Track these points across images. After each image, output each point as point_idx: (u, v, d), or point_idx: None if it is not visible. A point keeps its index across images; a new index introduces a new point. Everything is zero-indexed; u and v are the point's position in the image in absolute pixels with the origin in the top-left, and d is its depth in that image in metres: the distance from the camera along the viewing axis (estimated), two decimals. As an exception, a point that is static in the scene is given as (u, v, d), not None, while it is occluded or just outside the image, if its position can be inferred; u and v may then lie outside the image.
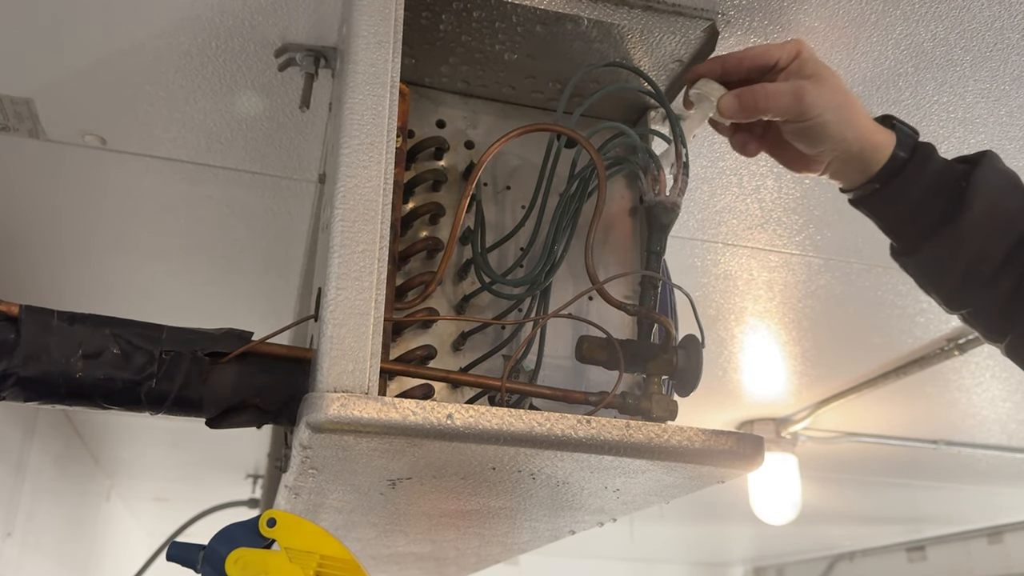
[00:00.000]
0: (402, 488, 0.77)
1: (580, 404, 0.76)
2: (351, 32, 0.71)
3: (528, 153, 0.93)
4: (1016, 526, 3.83)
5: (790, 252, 1.46)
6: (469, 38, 0.86)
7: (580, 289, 0.89)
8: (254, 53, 1.01)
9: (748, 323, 1.74)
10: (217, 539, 0.64)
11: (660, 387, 0.79)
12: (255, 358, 0.71)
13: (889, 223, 0.82)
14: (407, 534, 1.05)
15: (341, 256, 0.65)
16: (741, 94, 0.77)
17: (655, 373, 0.79)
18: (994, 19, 0.93)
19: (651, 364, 0.79)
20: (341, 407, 0.60)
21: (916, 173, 0.78)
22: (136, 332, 0.68)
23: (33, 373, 0.65)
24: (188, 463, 3.09)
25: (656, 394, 0.78)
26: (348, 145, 0.68)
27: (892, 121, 0.80)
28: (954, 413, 2.24)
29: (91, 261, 1.61)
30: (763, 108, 0.77)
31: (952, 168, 0.79)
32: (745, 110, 0.77)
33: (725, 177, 1.24)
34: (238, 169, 1.27)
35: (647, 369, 0.79)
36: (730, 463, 0.70)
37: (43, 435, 2.44)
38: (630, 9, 0.85)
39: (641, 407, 0.77)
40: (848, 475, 2.99)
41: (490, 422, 0.64)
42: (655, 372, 0.79)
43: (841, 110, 0.76)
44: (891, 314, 1.68)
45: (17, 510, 2.27)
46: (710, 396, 2.19)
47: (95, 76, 1.07)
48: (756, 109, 0.77)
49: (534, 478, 0.74)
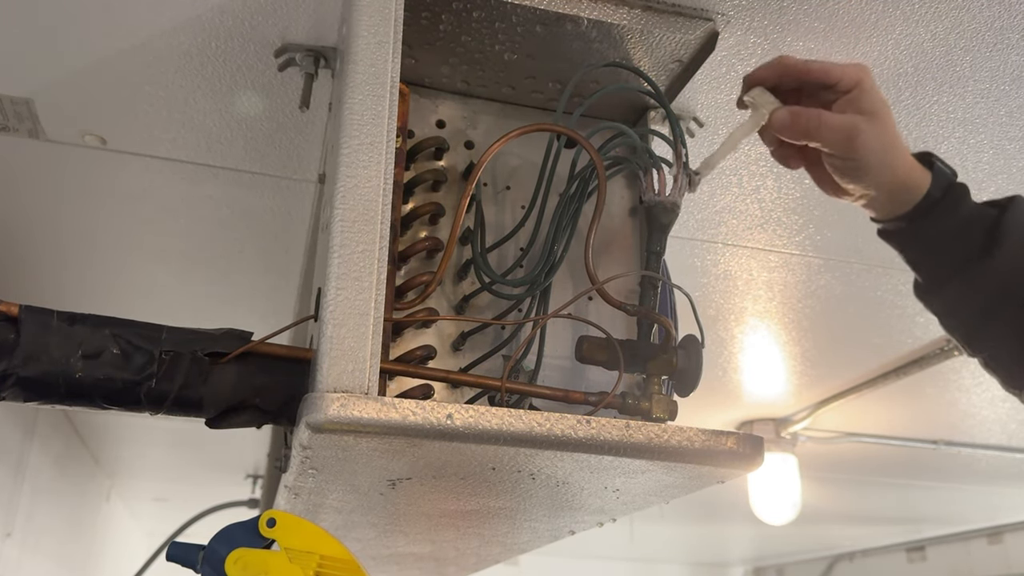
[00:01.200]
0: (402, 488, 0.77)
1: (580, 404, 0.76)
2: (351, 32, 0.71)
3: (528, 153, 0.93)
4: (1016, 526, 3.83)
5: (790, 252, 1.46)
6: (469, 38, 0.86)
7: (580, 289, 0.89)
8: (254, 53, 1.01)
9: (748, 323, 1.74)
10: (217, 539, 0.64)
11: (660, 387, 0.79)
12: (255, 358, 0.71)
13: (915, 259, 0.81)
14: (407, 534, 1.05)
15: (341, 256, 0.65)
16: (796, 115, 0.75)
17: (655, 373, 0.79)
18: (994, 19, 0.93)
19: (651, 364, 0.79)
20: (341, 407, 0.60)
21: (946, 213, 0.77)
22: (136, 332, 0.68)
23: (33, 373, 0.65)
24: (188, 463, 3.09)
25: (656, 394, 0.78)
26: (348, 145, 0.67)
27: (932, 159, 0.79)
28: (954, 413, 2.24)
29: (91, 261, 1.61)
30: (815, 136, 0.75)
31: (982, 211, 0.78)
32: (797, 132, 0.76)
33: (725, 177, 1.24)
34: (238, 169, 1.27)
35: (647, 369, 0.79)
36: (730, 463, 0.70)
37: (43, 435, 2.44)
38: (630, 9, 0.85)
39: (641, 407, 0.77)
40: (848, 475, 2.99)
41: (490, 422, 0.64)
42: (655, 372, 0.79)
43: (886, 153, 0.75)
44: (891, 314, 1.68)
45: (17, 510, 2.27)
46: (710, 396, 2.19)
47: (95, 76, 1.07)
48: (807, 135, 0.75)
49: (534, 478, 0.74)
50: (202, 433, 2.40)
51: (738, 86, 1.03)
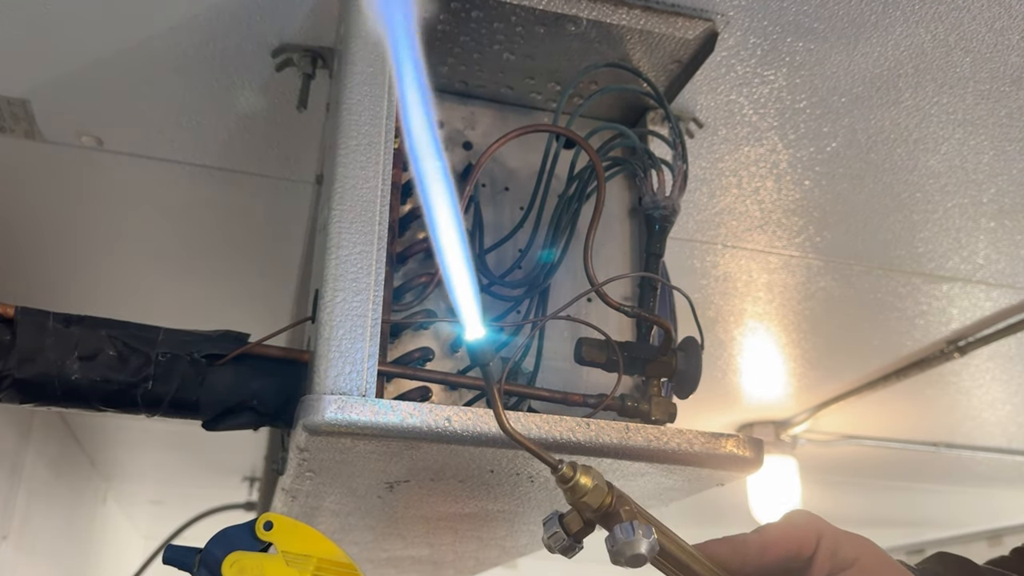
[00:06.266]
0: (400, 491, 0.77)
1: (579, 406, 0.76)
2: (349, 32, 0.71)
3: (527, 154, 0.92)
4: (1016, 529, 3.82)
5: (790, 254, 1.46)
6: (467, 38, 0.86)
7: (579, 291, 0.88)
8: (251, 54, 1.01)
9: (747, 325, 1.74)
10: (213, 542, 0.63)
11: (659, 389, 0.79)
12: (252, 360, 0.70)
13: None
14: (405, 538, 1.05)
15: (338, 257, 0.64)
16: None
17: (654, 375, 0.78)
18: (994, 20, 0.93)
19: (650, 366, 0.78)
20: (338, 410, 0.60)
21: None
22: (132, 334, 0.68)
23: (29, 375, 0.65)
24: (184, 466, 3.08)
25: (655, 396, 0.78)
26: (346, 146, 0.67)
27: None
28: (954, 416, 2.24)
29: (88, 262, 1.60)
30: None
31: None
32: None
33: (724, 179, 1.24)
34: (235, 170, 1.26)
35: (646, 371, 0.79)
36: (730, 466, 0.70)
37: (39, 437, 2.44)
38: (629, 9, 0.85)
39: (640, 409, 0.77)
40: (848, 478, 2.98)
41: (488, 425, 0.63)
42: (654, 374, 0.78)
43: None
44: (891, 316, 1.67)
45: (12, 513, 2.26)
46: (709, 398, 2.18)
47: (92, 77, 1.07)
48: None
49: (532, 481, 0.74)
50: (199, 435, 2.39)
51: (738, 86, 1.03)
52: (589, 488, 0.52)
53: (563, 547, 0.54)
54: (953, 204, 1.29)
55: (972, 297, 1.58)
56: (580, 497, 0.52)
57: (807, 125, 1.11)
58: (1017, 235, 1.37)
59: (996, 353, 1.80)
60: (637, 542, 0.52)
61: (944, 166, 1.20)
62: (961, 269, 1.48)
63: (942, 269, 1.48)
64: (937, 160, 1.18)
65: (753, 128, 1.11)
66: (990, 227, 1.35)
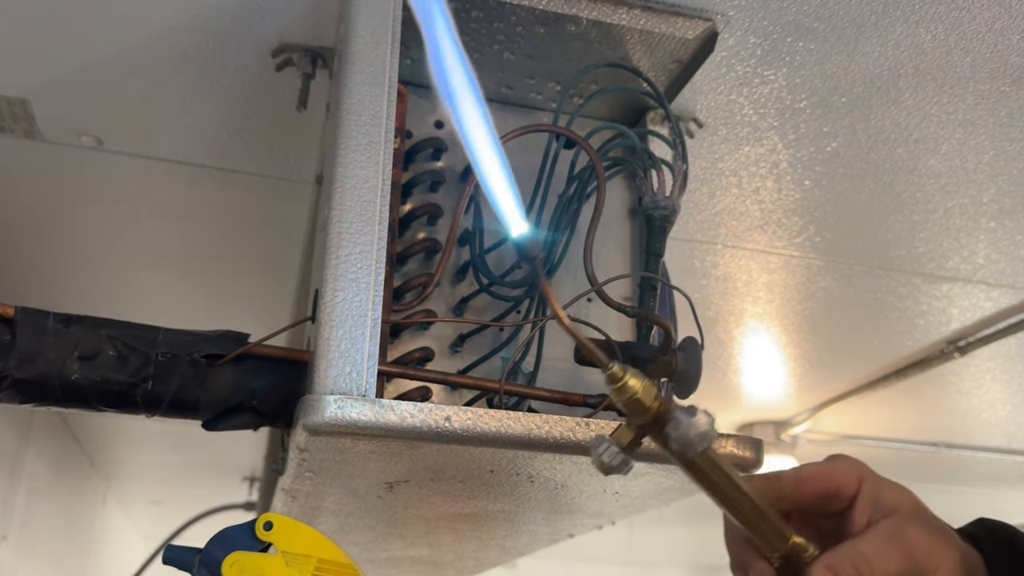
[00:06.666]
0: (399, 491, 0.77)
1: (579, 406, 0.76)
2: (349, 32, 0.71)
3: (527, 154, 0.92)
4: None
5: (790, 254, 1.46)
6: (467, 38, 0.86)
7: (579, 291, 0.88)
8: (251, 54, 1.01)
9: (748, 325, 1.74)
10: (213, 542, 0.63)
11: (659, 390, 0.79)
12: (252, 360, 0.70)
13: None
14: (404, 538, 1.05)
15: (338, 257, 0.64)
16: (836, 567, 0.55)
17: (654, 375, 0.78)
18: (994, 20, 0.93)
19: (650, 366, 0.78)
20: (338, 409, 0.60)
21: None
22: (132, 334, 0.68)
23: (28, 375, 0.65)
24: (184, 466, 3.08)
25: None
26: (346, 146, 0.67)
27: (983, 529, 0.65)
28: (954, 416, 2.24)
29: (87, 262, 1.60)
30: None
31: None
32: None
33: (724, 178, 1.24)
34: (235, 170, 1.26)
35: (646, 371, 0.78)
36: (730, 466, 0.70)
37: (39, 438, 2.44)
38: (629, 9, 0.85)
39: (641, 409, 0.77)
40: (847, 478, 2.98)
41: (488, 425, 0.63)
42: (654, 374, 0.78)
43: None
44: (891, 316, 1.67)
45: (12, 513, 2.26)
46: (709, 398, 2.18)
47: (92, 77, 1.07)
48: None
49: (532, 481, 0.74)
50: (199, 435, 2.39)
51: (738, 86, 1.03)
52: (639, 388, 0.51)
53: (620, 462, 0.51)
54: (953, 204, 1.29)
55: (972, 297, 1.58)
56: (631, 396, 0.50)
57: (807, 125, 1.11)
58: (1017, 235, 1.37)
59: (996, 353, 1.80)
60: (700, 420, 0.49)
61: (944, 166, 1.20)
62: (961, 269, 1.48)
63: (942, 269, 1.48)
64: (937, 160, 1.18)
65: (753, 128, 1.11)
66: (990, 227, 1.35)
